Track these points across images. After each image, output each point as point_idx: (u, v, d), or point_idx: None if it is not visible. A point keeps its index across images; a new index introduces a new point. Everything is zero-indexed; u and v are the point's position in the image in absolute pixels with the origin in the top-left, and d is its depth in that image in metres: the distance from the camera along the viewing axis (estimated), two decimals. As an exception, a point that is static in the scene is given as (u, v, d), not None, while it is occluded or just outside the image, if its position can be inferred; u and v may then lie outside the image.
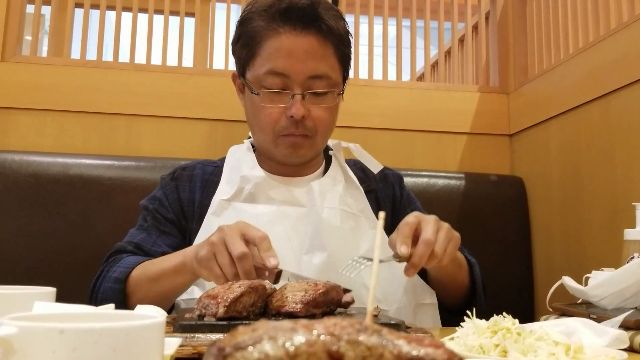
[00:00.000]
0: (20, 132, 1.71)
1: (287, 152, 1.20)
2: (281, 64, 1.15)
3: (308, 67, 1.16)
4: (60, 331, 0.42)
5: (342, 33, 1.21)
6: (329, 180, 1.25)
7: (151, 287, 1.06)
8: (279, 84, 1.16)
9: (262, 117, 1.19)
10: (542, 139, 1.77)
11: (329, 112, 1.21)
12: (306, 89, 1.17)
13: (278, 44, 1.16)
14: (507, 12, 2.03)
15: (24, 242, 1.54)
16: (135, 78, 1.79)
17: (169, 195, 1.26)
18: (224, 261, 0.92)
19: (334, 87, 1.20)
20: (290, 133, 1.18)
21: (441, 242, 0.97)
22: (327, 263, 1.14)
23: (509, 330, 0.71)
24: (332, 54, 1.19)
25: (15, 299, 0.76)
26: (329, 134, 1.26)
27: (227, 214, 1.19)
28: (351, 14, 2.08)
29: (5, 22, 1.74)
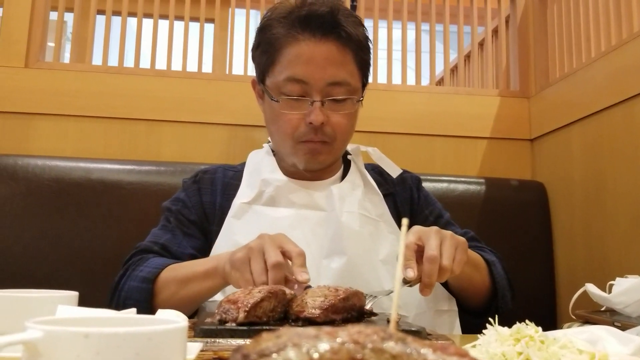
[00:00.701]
0: (43, 137, 1.73)
1: (306, 158, 1.20)
2: (300, 70, 1.16)
3: (327, 73, 1.16)
4: (85, 335, 0.43)
5: (361, 39, 1.21)
6: (348, 184, 1.25)
7: (179, 289, 1.06)
8: (299, 90, 1.17)
9: (282, 124, 1.19)
10: (564, 143, 1.75)
11: (347, 119, 1.21)
12: (325, 96, 1.17)
13: (297, 50, 1.16)
14: (527, 16, 2.01)
15: (46, 246, 1.56)
16: (155, 84, 1.81)
17: (192, 198, 1.28)
18: (257, 268, 0.93)
19: (353, 93, 1.20)
20: (309, 139, 1.18)
21: (447, 253, 0.95)
22: (346, 267, 1.14)
23: (532, 338, 0.70)
24: (351, 61, 1.20)
25: (39, 303, 0.77)
26: (347, 140, 1.27)
27: (248, 217, 1.20)
28: (370, 19, 2.07)
29: (29, 30, 1.77)
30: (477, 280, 1.18)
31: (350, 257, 1.15)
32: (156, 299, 1.09)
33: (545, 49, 1.94)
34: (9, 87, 1.73)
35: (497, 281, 1.20)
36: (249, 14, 1.94)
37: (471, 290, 1.20)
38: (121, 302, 1.11)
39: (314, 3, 1.18)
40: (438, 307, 1.21)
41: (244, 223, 1.20)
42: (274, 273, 0.91)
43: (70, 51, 1.98)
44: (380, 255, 1.20)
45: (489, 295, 1.21)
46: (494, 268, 1.21)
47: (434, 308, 1.20)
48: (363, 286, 1.10)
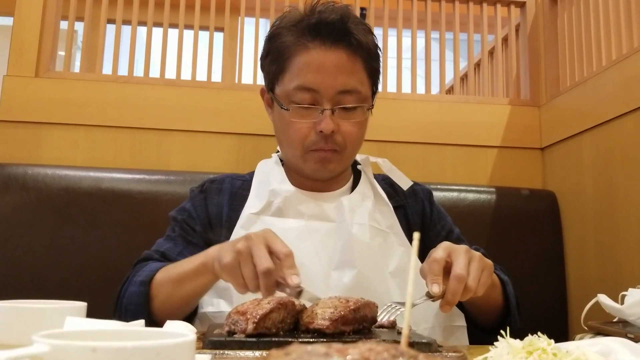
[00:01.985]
0: (54, 146, 1.74)
1: (316, 167, 1.20)
2: (311, 79, 1.15)
3: (338, 81, 1.15)
4: (93, 350, 0.42)
5: (371, 47, 1.21)
6: (358, 195, 1.24)
7: (174, 289, 1.06)
8: (309, 99, 1.16)
9: (291, 132, 1.19)
10: (575, 152, 1.74)
11: (358, 127, 1.20)
12: (336, 104, 1.16)
13: (307, 59, 1.16)
14: (537, 24, 2.00)
15: (56, 255, 1.56)
16: (165, 93, 1.81)
17: (197, 208, 1.27)
18: (249, 274, 0.91)
19: (363, 101, 1.19)
20: (320, 148, 1.18)
21: (474, 274, 0.95)
22: (356, 280, 1.13)
23: (544, 351, 0.69)
24: (361, 69, 1.19)
25: (48, 314, 0.77)
26: (357, 149, 1.26)
27: (256, 228, 1.19)
28: (379, 27, 2.07)
29: (39, 39, 1.78)
30: (492, 300, 1.17)
31: (360, 270, 1.14)
32: (154, 301, 1.08)
33: (555, 57, 1.93)
34: (19, 96, 1.74)
35: (510, 301, 1.19)
36: (259, 22, 1.94)
37: (485, 309, 1.19)
38: (123, 309, 1.11)
39: (323, 11, 1.18)
40: (448, 322, 1.20)
41: None
42: (265, 280, 0.90)
43: (80, 60, 2.00)
44: (389, 267, 1.19)
45: (500, 314, 1.21)
46: (508, 288, 1.20)
47: (444, 324, 1.19)
48: (373, 299, 1.09)
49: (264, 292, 0.91)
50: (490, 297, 1.14)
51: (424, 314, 1.17)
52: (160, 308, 1.08)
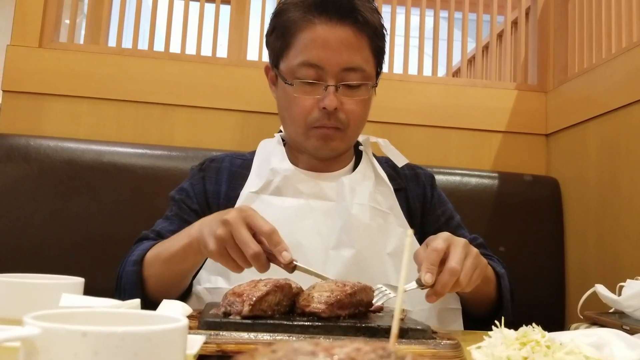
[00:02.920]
0: (56, 118, 1.73)
1: (318, 144, 1.19)
2: (315, 54, 1.15)
3: (342, 58, 1.15)
4: (83, 334, 0.43)
5: (377, 26, 1.20)
6: (359, 175, 1.24)
7: (164, 268, 1.07)
8: (313, 75, 1.15)
9: (295, 108, 1.18)
10: (580, 140, 1.72)
11: (361, 105, 1.19)
12: (340, 81, 1.16)
13: (313, 35, 1.15)
14: (548, 9, 1.97)
15: (57, 228, 1.57)
16: (169, 67, 1.80)
17: (195, 186, 1.27)
18: (239, 256, 0.91)
19: (367, 80, 1.18)
20: (322, 125, 1.17)
21: (467, 270, 0.94)
22: (354, 260, 1.14)
23: (538, 342, 0.69)
24: (366, 47, 1.18)
25: (44, 290, 0.77)
26: (360, 128, 1.25)
27: (255, 207, 1.18)
28: (388, 5, 2.05)
29: (43, 9, 1.77)
30: (485, 293, 1.16)
31: (359, 250, 1.14)
32: (148, 281, 1.09)
33: (565, 43, 1.91)
34: (22, 67, 1.73)
35: (504, 295, 1.19)
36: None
37: (477, 302, 1.20)
38: (122, 289, 1.12)
39: None
40: (443, 305, 1.20)
41: None
42: (257, 263, 0.90)
43: (84, 31, 1.98)
44: (388, 248, 1.19)
45: (492, 307, 1.20)
46: (503, 281, 1.19)
47: (439, 306, 1.19)
48: (370, 279, 1.09)
49: (259, 271, 0.91)
50: (482, 291, 1.14)
51: (420, 296, 1.17)
52: (154, 287, 1.09)
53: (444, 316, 1.20)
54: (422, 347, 0.77)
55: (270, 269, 0.96)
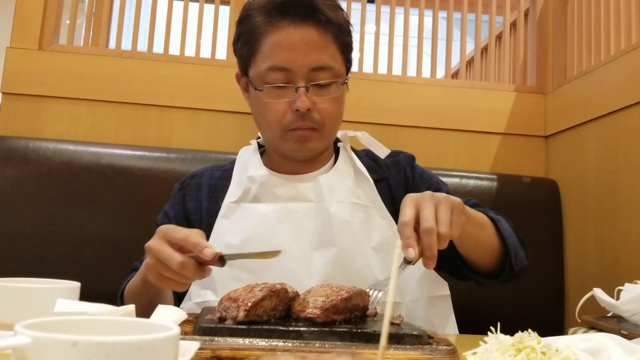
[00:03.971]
0: (55, 120, 1.73)
1: (296, 146, 1.18)
2: (282, 58, 1.14)
3: (310, 58, 1.14)
4: (73, 343, 0.42)
5: (341, 22, 1.19)
6: (337, 172, 1.23)
7: (138, 301, 1.05)
8: (282, 78, 1.15)
9: (268, 113, 1.18)
10: (579, 142, 1.72)
11: (335, 103, 1.19)
12: (309, 81, 1.15)
13: (277, 38, 1.15)
14: (547, 10, 1.97)
15: (55, 230, 1.57)
16: (168, 69, 1.80)
17: (175, 207, 1.27)
18: (173, 274, 0.90)
19: (337, 77, 1.18)
20: (297, 127, 1.16)
21: (443, 218, 0.93)
22: (337, 258, 1.13)
23: (533, 349, 0.68)
24: (332, 44, 1.18)
25: (40, 294, 0.77)
26: (336, 126, 1.24)
27: (236, 216, 1.20)
28: (387, 5, 2.05)
29: (43, 11, 1.77)
30: (484, 239, 1.14)
31: (341, 248, 1.14)
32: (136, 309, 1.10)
33: (564, 45, 1.91)
34: (22, 68, 1.74)
35: (506, 237, 1.16)
36: None
37: (480, 251, 1.16)
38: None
39: None
40: (432, 293, 1.19)
41: (233, 222, 1.19)
42: (186, 271, 0.89)
43: (84, 33, 1.98)
44: (372, 242, 1.18)
45: (501, 254, 1.17)
46: (500, 225, 1.17)
47: (428, 294, 1.18)
48: (356, 276, 1.11)
49: (197, 278, 0.91)
50: (480, 238, 1.12)
51: (409, 285, 1.18)
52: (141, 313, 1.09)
53: (434, 304, 1.19)
54: (418, 353, 0.77)
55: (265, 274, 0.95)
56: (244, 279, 1.05)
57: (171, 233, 0.92)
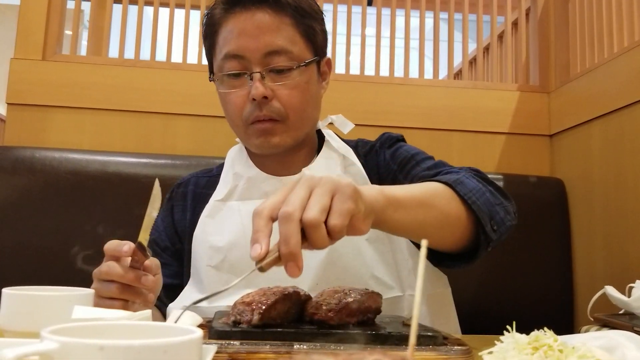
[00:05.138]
0: (60, 129, 1.74)
1: (259, 141, 1.11)
2: (235, 44, 1.09)
3: (261, 42, 1.08)
4: (100, 348, 0.43)
5: (300, 5, 1.12)
6: (321, 161, 1.16)
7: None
8: (237, 66, 1.09)
9: (228, 107, 1.13)
10: (584, 140, 1.72)
11: (297, 90, 1.10)
12: (265, 67, 1.08)
13: (231, 26, 1.10)
14: (548, 9, 1.98)
15: (63, 238, 1.57)
16: (171, 77, 1.81)
17: (165, 219, 1.25)
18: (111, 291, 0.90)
19: (296, 61, 1.10)
20: (257, 118, 1.09)
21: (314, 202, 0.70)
22: (328, 253, 1.06)
23: (550, 347, 0.69)
24: (289, 27, 1.10)
25: (56, 302, 0.77)
26: (305, 116, 1.13)
27: (222, 215, 1.15)
28: (387, 7, 2.06)
29: (46, 22, 1.78)
30: (431, 217, 0.90)
31: (333, 247, 1.07)
32: None
33: (566, 43, 1.91)
34: (26, 79, 1.74)
35: (472, 201, 0.93)
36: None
37: (434, 233, 0.92)
38: None
39: None
40: (431, 290, 1.13)
41: (218, 222, 1.15)
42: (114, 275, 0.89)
43: (87, 42, 1.99)
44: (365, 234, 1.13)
45: (473, 222, 0.94)
46: (461, 187, 0.93)
47: (427, 292, 1.12)
48: (348, 271, 1.07)
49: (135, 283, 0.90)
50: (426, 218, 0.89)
51: (408, 279, 1.12)
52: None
53: (434, 300, 1.14)
54: (433, 354, 0.77)
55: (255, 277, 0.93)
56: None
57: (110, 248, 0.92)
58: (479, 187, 0.96)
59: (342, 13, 2.04)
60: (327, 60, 1.21)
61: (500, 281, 1.64)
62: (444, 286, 1.17)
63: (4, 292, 0.78)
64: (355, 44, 1.98)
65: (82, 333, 0.48)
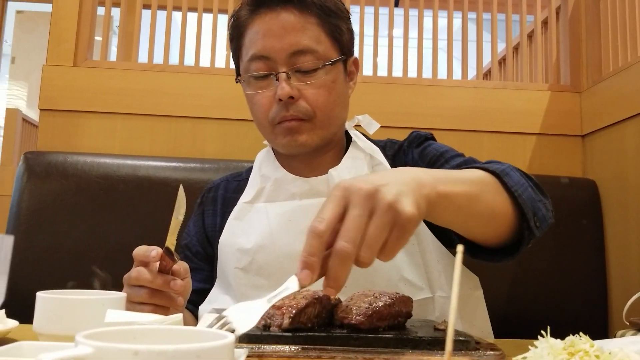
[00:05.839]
0: (92, 134, 1.77)
1: (286, 140, 1.10)
2: (260, 45, 1.09)
3: (286, 42, 1.08)
4: (135, 352, 0.43)
5: (325, 4, 1.11)
6: (348, 161, 1.14)
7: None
8: (263, 67, 1.09)
9: (255, 108, 1.13)
10: (617, 140, 1.69)
11: (324, 90, 1.09)
12: (290, 67, 1.08)
13: (257, 27, 1.10)
14: (579, 7, 1.94)
15: (95, 242, 1.59)
16: (200, 81, 1.82)
17: (196, 224, 1.26)
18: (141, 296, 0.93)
19: (322, 60, 1.09)
20: (283, 118, 1.09)
21: (371, 241, 0.67)
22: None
23: (587, 353, 0.67)
24: (315, 26, 1.10)
25: (89, 306, 0.78)
26: (333, 115, 1.12)
27: (249, 217, 1.15)
28: (415, 8, 2.04)
29: (77, 28, 1.81)
30: (482, 211, 0.86)
31: None
32: None
33: (598, 41, 1.87)
34: (58, 85, 1.77)
35: (519, 194, 0.89)
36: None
37: (484, 227, 0.90)
38: None
39: None
40: (463, 291, 1.11)
41: (245, 224, 1.15)
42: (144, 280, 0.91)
43: (117, 48, 2.02)
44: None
45: (516, 215, 0.91)
46: (508, 179, 0.89)
47: (459, 292, 1.09)
48: (377, 272, 1.05)
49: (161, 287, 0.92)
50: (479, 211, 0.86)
51: (439, 281, 1.09)
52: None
53: (465, 302, 1.11)
54: (466, 359, 0.76)
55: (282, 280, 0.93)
56: (261, 286, 1.03)
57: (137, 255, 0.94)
58: (522, 181, 0.92)
59: (369, 15, 2.03)
60: (354, 59, 1.20)
61: (533, 284, 1.62)
62: (475, 288, 1.14)
63: (38, 296, 0.80)
64: (383, 45, 1.97)
65: (116, 338, 0.49)
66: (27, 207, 1.59)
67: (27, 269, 1.55)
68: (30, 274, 1.54)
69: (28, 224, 1.58)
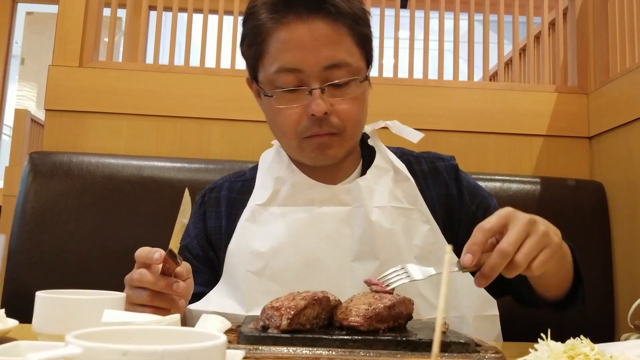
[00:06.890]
0: (97, 135, 1.77)
1: (315, 154, 1.08)
2: (291, 57, 1.03)
3: (322, 56, 1.02)
4: (124, 353, 0.43)
5: (356, 12, 1.06)
6: (375, 172, 1.12)
7: None
8: (293, 81, 1.04)
9: (282, 121, 1.07)
10: (625, 142, 1.67)
11: (356, 104, 1.06)
12: (324, 82, 1.03)
13: (285, 36, 1.03)
14: (587, 8, 1.93)
15: (99, 242, 1.60)
16: (205, 82, 1.82)
17: (196, 226, 1.21)
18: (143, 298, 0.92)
19: (356, 74, 1.06)
20: (315, 133, 1.05)
21: (527, 251, 0.83)
22: (379, 272, 1.01)
23: (586, 356, 0.66)
24: (347, 38, 1.05)
25: (87, 306, 0.78)
26: (359, 128, 1.12)
27: (264, 220, 1.11)
28: (421, 10, 2.04)
29: (83, 29, 1.81)
30: (563, 272, 1.04)
31: (383, 262, 1.05)
32: None
33: (605, 42, 1.86)
34: (64, 86, 1.78)
35: (581, 268, 1.07)
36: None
37: (557, 285, 1.06)
38: None
39: None
40: (479, 312, 1.10)
41: (260, 226, 1.11)
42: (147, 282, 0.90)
43: (122, 49, 2.03)
44: (414, 251, 1.08)
45: (571, 284, 1.08)
46: (575, 253, 1.07)
47: (474, 313, 1.10)
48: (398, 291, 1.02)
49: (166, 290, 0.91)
50: (560, 271, 1.02)
51: (455, 300, 1.09)
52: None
53: (479, 324, 1.10)
54: (465, 361, 0.76)
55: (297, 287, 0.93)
56: (274, 292, 0.98)
57: (137, 258, 0.94)
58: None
59: (375, 16, 2.02)
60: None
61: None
62: (493, 310, 1.13)
63: (37, 296, 0.80)
64: (389, 46, 1.96)
65: (107, 338, 0.48)
66: (33, 207, 1.59)
67: (32, 269, 1.55)
68: (35, 274, 1.55)
69: (33, 224, 1.59)
